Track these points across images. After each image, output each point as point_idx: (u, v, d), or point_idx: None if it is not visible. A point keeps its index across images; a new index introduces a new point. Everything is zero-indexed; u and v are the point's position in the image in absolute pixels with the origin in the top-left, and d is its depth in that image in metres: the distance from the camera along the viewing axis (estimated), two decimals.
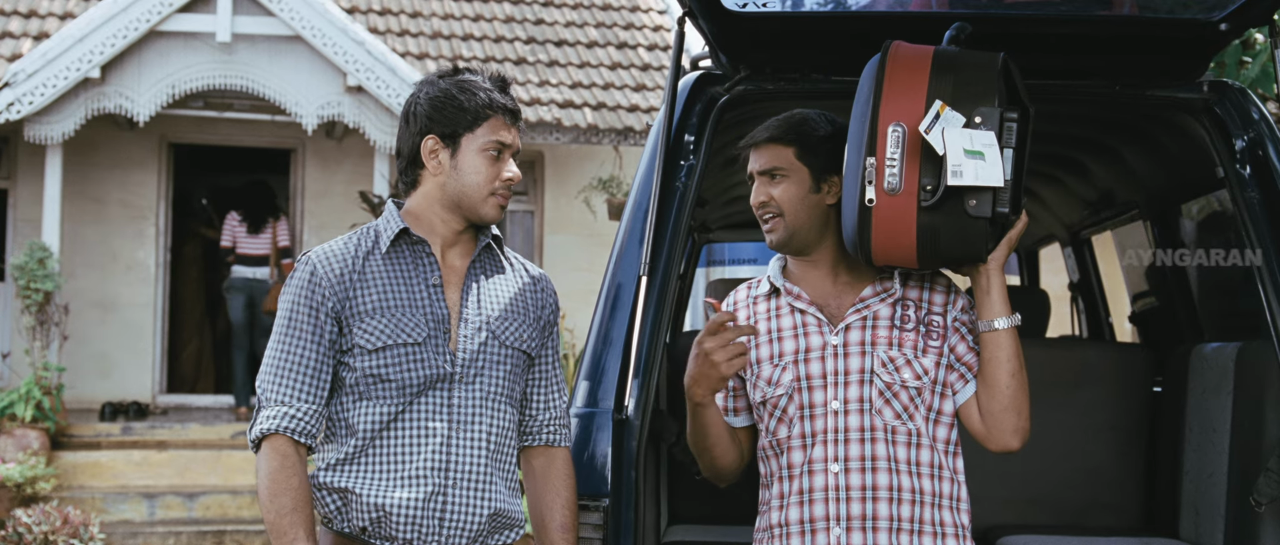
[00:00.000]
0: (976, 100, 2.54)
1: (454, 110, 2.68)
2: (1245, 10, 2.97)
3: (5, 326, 11.81)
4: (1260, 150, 3.11)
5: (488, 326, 2.69)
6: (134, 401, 11.64)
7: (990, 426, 2.69)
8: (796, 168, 2.75)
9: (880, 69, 2.60)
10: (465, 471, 2.63)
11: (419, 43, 13.03)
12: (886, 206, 2.54)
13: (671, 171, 3.14)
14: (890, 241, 2.56)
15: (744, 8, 3.09)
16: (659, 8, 14.46)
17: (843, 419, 2.69)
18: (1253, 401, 3.43)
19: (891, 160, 2.53)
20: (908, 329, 2.71)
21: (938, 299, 2.76)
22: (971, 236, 2.56)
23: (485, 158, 2.68)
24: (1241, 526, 3.40)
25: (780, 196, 2.75)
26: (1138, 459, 4.04)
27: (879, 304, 2.73)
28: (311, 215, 12.74)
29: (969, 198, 2.52)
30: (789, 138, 2.76)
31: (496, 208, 2.71)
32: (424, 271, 2.68)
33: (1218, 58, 5.69)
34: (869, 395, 2.68)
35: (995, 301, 2.65)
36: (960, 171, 2.47)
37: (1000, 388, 2.66)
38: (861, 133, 2.60)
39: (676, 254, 3.11)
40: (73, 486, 10.20)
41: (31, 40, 11.78)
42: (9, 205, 12.20)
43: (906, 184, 2.53)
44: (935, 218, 2.54)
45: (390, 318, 2.62)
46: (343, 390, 2.65)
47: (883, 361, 2.69)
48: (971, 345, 2.73)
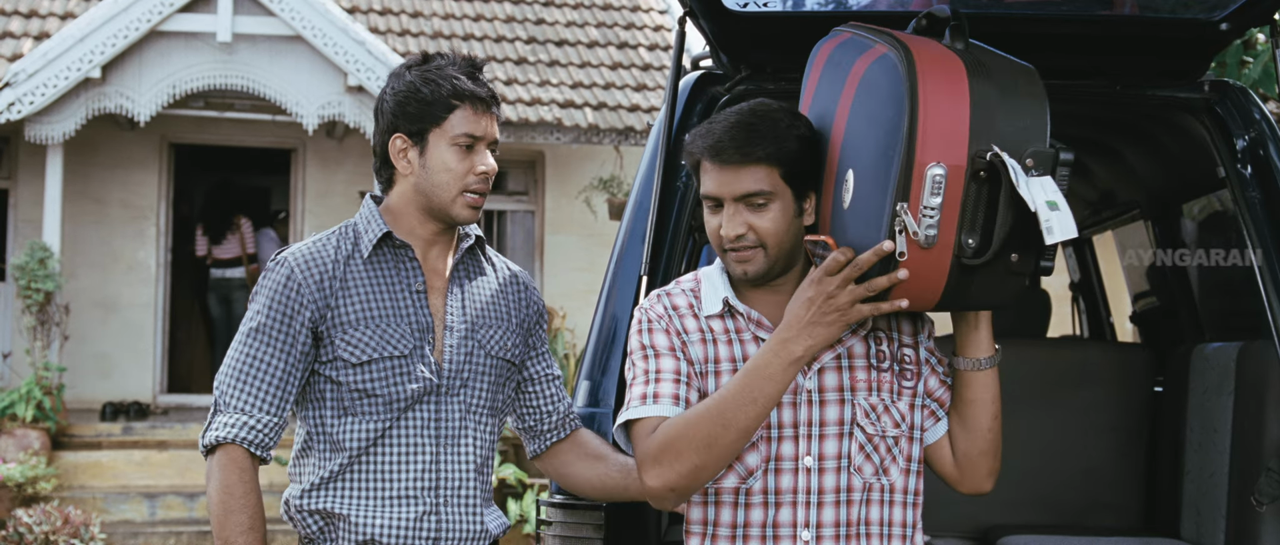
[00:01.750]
0: (1027, 136, 2.12)
1: (418, 104, 2.49)
2: (1246, 10, 2.97)
3: (6, 326, 11.81)
4: (1261, 150, 3.11)
5: (473, 335, 2.56)
6: (135, 401, 11.64)
7: (965, 471, 2.40)
8: (781, 191, 2.30)
9: (911, 94, 2.11)
10: (455, 488, 2.51)
11: (420, 42, 13.02)
12: (917, 261, 2.12)
13: (672, 172, 3.13)
14: (914, 291, 2.16)
15: (745, 7, 3.09)
16: (660, 7, 14.46)
17: (816, 478, 2.31)
18: (1254, 401, 3.42)
19: (929, 210, 2.09)
20: (884, 368, 2.35)
21: (906, 327, 2.40)
22: (1006, 291, 2.21)
23: (455, 152, 2.49)
24: (1243, 527, 3.40)
25: (765, 227, 2.30)
26: (1139, 459, 4.03)
27: (851, 338, 2.34)
28: (312, 215, 12.74)
29: (1011, 252, 2.14)
30: (772, 156, 2.28)
31: (468, 207, 2.51)
32: (407, 277, 2.53)
33: (1219, 58, 5.69)
34: (848, 450, 2.31)
35: (984, 337, 2.32)
36: (1051, 228, 2.04)
37: (981, 431, 2.36)
38: (885, 168, 2.14)
39: (677, 254, 3.10)
40: (73, 486, 10.20)
41: (32, 40, 11.78)
42: (10, 205, 12.20)
43: (943, 236, 2.11)
44: (972, 273, 2.15)
45: (375, 329, 2.46)
46: (324, 405, 2.50)
47: (865, 411, 2.32)
48: (943, 379, 2.40)
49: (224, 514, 2.42)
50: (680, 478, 2.23)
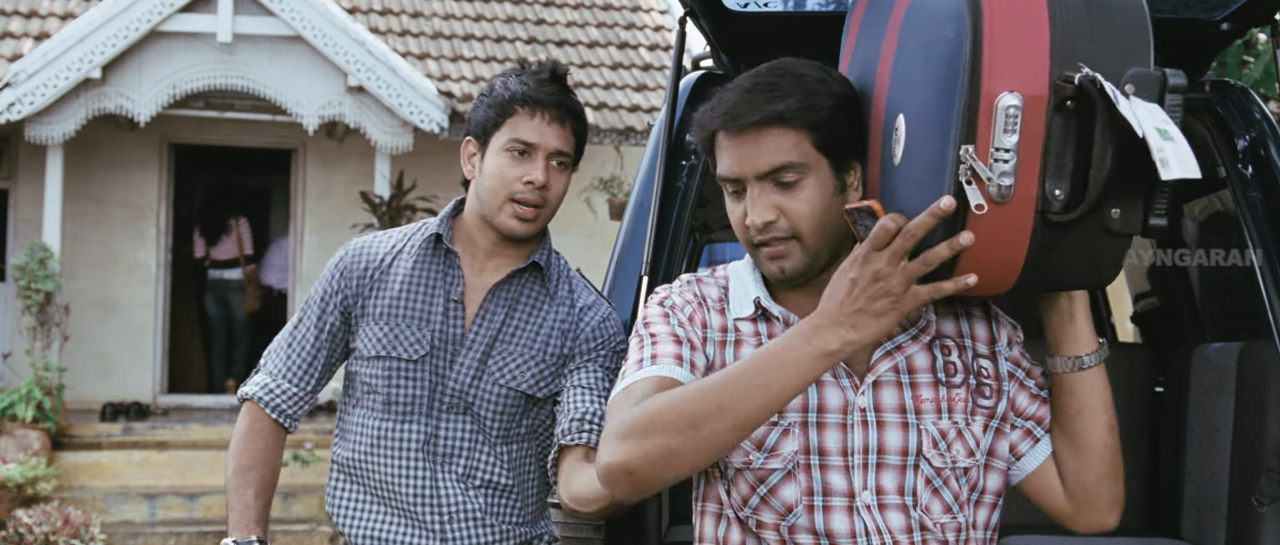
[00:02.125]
0: (1127, 53, 1.70)
1: (484, 109, 2.43)
2: (1246, 10, 2.96)
3: (6, 327, 11.81)
4: (1262, 150, 3.11)
5: (487, 359, 2.45)
6: (135, 402, 11.65)
7: (1081, 502, 1.93)
8: (815, 162, 1.85)
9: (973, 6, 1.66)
10: (454, 511, 2.46)
11: (420, 43, 13.02)
12: (989, 222, 1.67)
13: (673, 172, 3.13)
14: (984, 265, 1.71)
15: (745, 8, 3.09)
16: (660, 8, 14.45)
17: (878, 518, 1.85)
18: (1255, 402, 3.42)
19: (1003, 152, 1.65)
20: (956, 383, 1.90)
21: (981, 333, 1.96)
22: (1104, 260, 1.77)
23: (506, 158, 2.39)
24: (1243, 527, 3.40)
25: (798, 210, 1.86)
26: (1139, 459, 4.03)
27: (913, 346, 1.90)
28: (313, 215, 12.74)
29: (1111, 207, 1.71)
30: (798, 116, 1.84)
31: (515, 218, 2.40)
32: (449, 283, 2.47)
33: (1219, 58, 5.69)
34: (913, 486, 1.86)
35: (1082, 328, 1.88)
36: (1165, 160, 1.60)
37: (1097, 450, 1.89)
38: (934, 102, 1.71)
39: (678, 254, 3.10)
40: (73, 487, 10.20)
41: (32, 40, 11.78)
42: (10, 205, 12.20)
43: (1022, 186, 1.67)
44: (1060, 234, 1.71)
45: (393, 327, 2.45)
46: (352, 392, 2.54)
47: (934, 439, 1.87)
48: (1036, 392, 1.96)
49: (231, 455, 2.54)
50: (642, 458, 1.72)
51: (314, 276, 12.67)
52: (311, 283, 12.61)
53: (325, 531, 9.85)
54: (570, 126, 2.43)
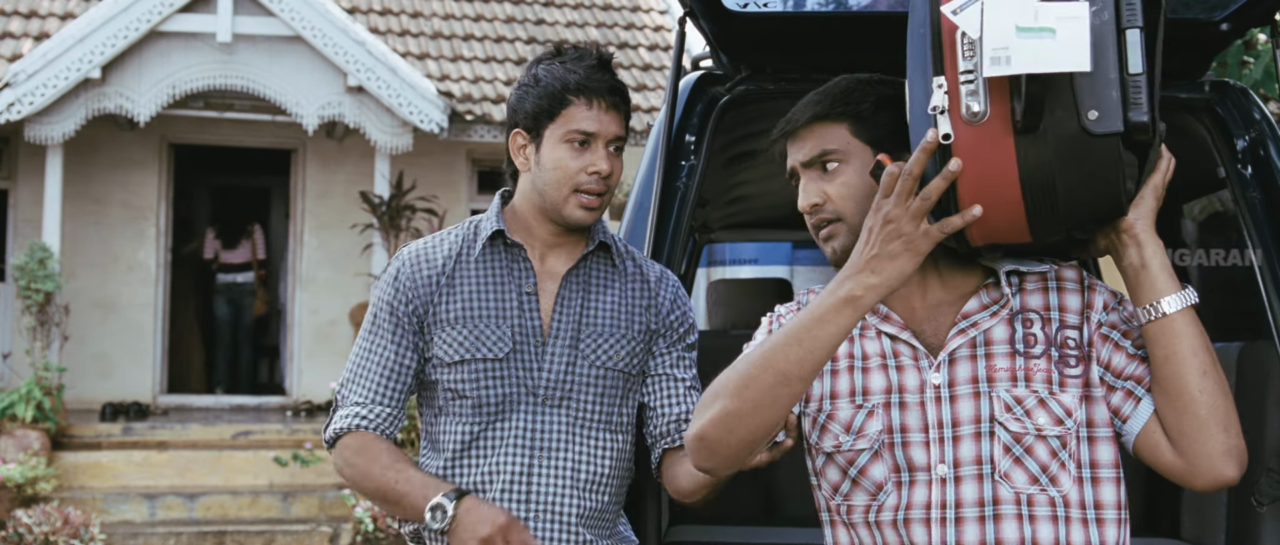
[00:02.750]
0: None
1: (536, 99, 2.39)
2: (1246, 10, 2.96)
3: (6, 327, 11.81)
4: (1262, 150, 3.11)
5: (577, 345, 2.42)
6: (134, 402, 11.65)
7: (1189, 454, 1.93)
8: (856, 149, 2.03)
9: None
10: (549, 503, 2.39)
11: (420, 43, 13.03)
12: (971, 143, 1.77)
13: (673, 172, 3.13)
14: (985, 195, 1.79)
15: (745, 8, 3.09)
16: (660, 8, 14.46)
17: (953, 490, 1.95)
18: (1254, 402, 3.42)
19: (967, 74, 1.76)
20: (1036, 355, 1.97)
21: (1071, 303, 2.01)
22: (1101, 170, 1.79)
23: (567, 149, 2.37)
24: (1243, 527, 3.40)
25: (838, 193, 2.03)
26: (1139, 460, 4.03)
27: (990, 321, 1.99)
28: (312, 215, 12.74)
29: (1087, 108, 1.74)
30: (838, 112, 2.05)
31: (581, 208, 2.39)
32: (518, 278, 2.44)
33: (1219, 58, 5.69)
34: (990, 454, 1.94)
35: (1156, 275, 1.89)
36: (1006, 57, 1.69)
37: (1190, 396, 1.88)
38: (923, 50, 1.86)
39: (678, 254, 3.10)
40: (73, 487, 10.20)
41: (32, 40, 11.78)
42: (9, 205, 12.20)
43: (995, 107, 1.76)
44: (1042, 148, 1.77)
45: (472, 329, 2.39)
46: (428, 403, 2.47)
47: (1007, 404, 1.95)
48: (1133, 351, 1.98)
49: (366, 471, 2.38)
50: (708, 424, 1.92)
51: (314, 277, 12.67)
52: (311, 283, 12.64)
53: (325, 532, 9.85)
54: (623, 110, 2.44)
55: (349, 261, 12.33)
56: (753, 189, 4.39)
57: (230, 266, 12.90)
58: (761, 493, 3.79)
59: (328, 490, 10.35)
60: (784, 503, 3.71)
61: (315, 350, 12.59)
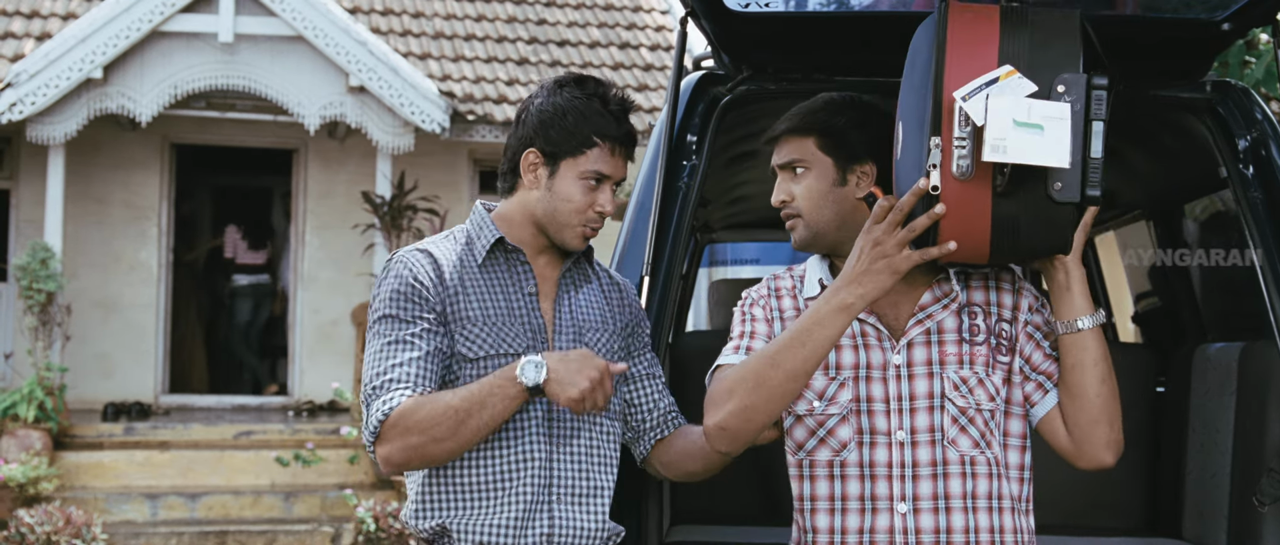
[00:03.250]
0: (1058, 65, 2.19)
1: (561, 131, 2.56)
2: (1248, 10, 2.96)
3: (8, 327, 11.82)
4: (1263, 150, 3.11)
5: (581, 339, 2.61)
6: (136, 402, 11.66)
7: (1080, 441, 2.39)
8: (818, 159, 2.47)
9: (940, 30, 2.22)
10: (569, 487, 2.55)
11: (421, 43, 13.03)
12: (956, 194, 2.18)
13: (674, 171, 3.13)
14: (960, 233, 2.21)
15: (746, 8, 3.09)
16: (661, 8, 14.46)
17: (909, 452, 2.39)
18: (1256, 402, 3.42)
19: (960, 140, 2.16)
20: (978, 342, 2.41)
21: (1006, 302, 2.46)
22: (1056, 225, 2.24)
23: (582, 186, 2.56)
24: (1245, 527, 3.40)
25: (802, 194, 2.47)
26: (1140, 459, 4.03)
27: (942, 313, 2.43)
28: (314, 216, 12.75)
29: (1053, 180, 2.17)
30: (806, 127, 2.48)
31: (580, 238, 2.59)
32: (520, 280, 2.60)
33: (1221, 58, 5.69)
34: (940, 424, 2.38)
35: (1077, 298, 2.34)
36: (1003, 146, 2.10)
37: (1089, 397, 2.35)
38: (920, 108, 2.25)
39: (679, 254, 3.10)
40: (75, 487, 10.21)
41: (34, 40, 11.79)
42: (11, 206, 12.21)
43: (980, 168, 2.17)
44: (1013, 205, 2.19)
45: (492, 327, 2.53)
46: None
47: (954, 383, 2.39)
48: (1048, 351, 2.44)
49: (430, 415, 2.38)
50: (729, 416, 2.33)
51: (315, 277, 12.68)
52: (313, 283, 12.65)
53: (327, 531, 9.86)
54: (632, 156, 2.67)
55: (351, 262, 12.33)
56: (754, 189, 4.39)
57: (252, 267, 13.02)
58: (762, 493, 3.79)
59: (329, 490, 10.36)
60: (784, 503, 3.71)
61: (317, 350, 12.60)
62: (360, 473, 10.64)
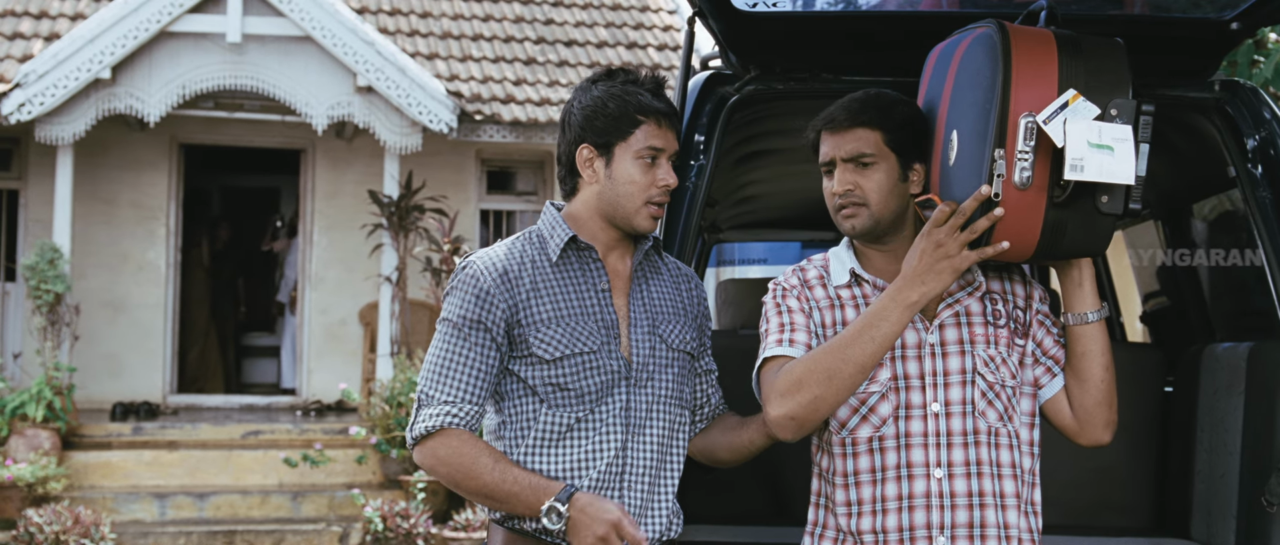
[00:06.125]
0: (1111, 90, 2.42)
1: (606, 118, 2.66)
2: (1256, 10, 2.96)
3: (16, 327, 11.85)
4: (1272, 149, 3.10)
5: (656, 330, 2.72)
6: (145, 401, 11.67)
7: (1083, 422, 2.64)
8: (885, 154, 2.60)
9: (1005, 53, 2.43)
10: (639, 474, 2.66)
11: (429, 43, 13.04)
12: (1013, 201, 2.40)
13: (682, 171, 3.13)
14: (1012, 235, 2.43)
15: (754, 8, 3.09)
16: (669, 8, 14.46)
17: (944, 422, 2.59)
18: (1265, 402, 3.41)
19: (1023, 153, 2.39)
20: (1000, 325, 2.64)
21: (1020, 292, 2.69)
22: (1098, 233, 2.47)
23: (639, 165, 2.66)
24: (1253, 527, 3.39)
25: (868, 185, 2.60)
26: (1148, 459, 4.02)
27: (969, 299, 2.65)
28: (321, 215, 12.76)
29: (1101, 194, 2.41)
30: (876, 121, 2.60)
31: (650, 217, 2.68)
32: (593, 278, 2.69)
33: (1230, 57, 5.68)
34: (972, 397, 2.59)
35: (1088, 293, 2.59)
36: (1081, 166, 2.35)
37: (1094, 382, 2.61)
38: (978, 120, 2.45)
39: (687, 254, 3.10)
40: (84, 486, 10.22)
41: (42, 41, 11.81)
42: (20, 206, 12.24)
43: (1037, 178, 2.40)
44: (1064, 213, 2.43)
45: (565, 327, 2.63)
46: (524, 394, 2.66)
47: (985, 361, 2.61)
48: (1057, 338, 2.68)
49: (471, 470, 2.57)
50: (800, 408, 2.47)
51: (323, 276, 12.69)
52: (321, 283, 12.67)
53: (335, 531, 9.87)
54: (679, 128, 2.76)
55: (358, 261, 12.34)
56: (762, 189, 4.39)
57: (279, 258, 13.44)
58: (769, 493, 3.79)
59: (337, 490, 10.37)
60: (791, 503, 3.70)
61: (325, 350, 12.61)
62: (368, 472, 10.65)
